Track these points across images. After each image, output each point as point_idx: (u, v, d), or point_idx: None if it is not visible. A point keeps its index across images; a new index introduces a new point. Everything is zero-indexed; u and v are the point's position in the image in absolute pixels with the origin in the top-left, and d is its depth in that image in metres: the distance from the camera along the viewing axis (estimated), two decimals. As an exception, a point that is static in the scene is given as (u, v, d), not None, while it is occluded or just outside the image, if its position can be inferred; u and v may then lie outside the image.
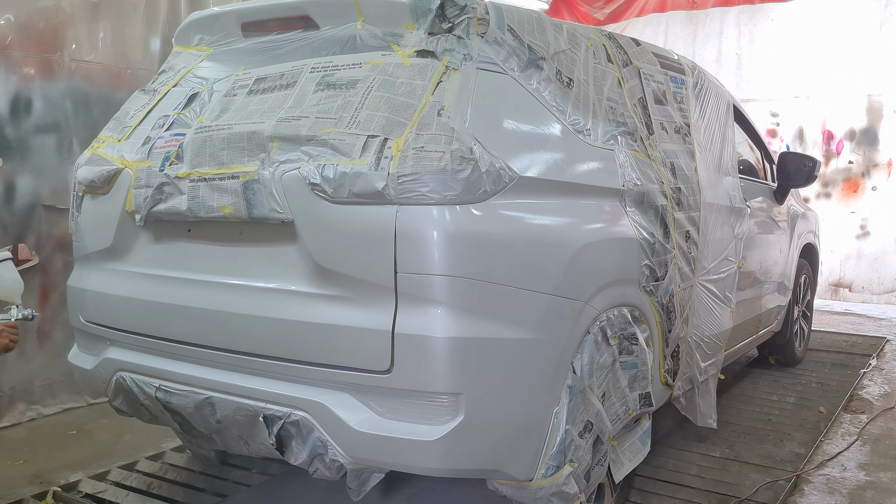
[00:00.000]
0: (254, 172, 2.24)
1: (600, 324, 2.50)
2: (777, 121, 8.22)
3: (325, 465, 2.23)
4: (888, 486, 3.29)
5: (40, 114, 4.21)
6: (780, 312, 4.74)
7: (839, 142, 7.95)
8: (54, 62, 4.24)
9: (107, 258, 2.72)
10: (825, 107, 7.96)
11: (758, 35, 8.28)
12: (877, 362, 5.37)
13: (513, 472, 2.25)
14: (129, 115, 2.84)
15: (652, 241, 2.78)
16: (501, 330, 2.14)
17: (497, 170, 2.13)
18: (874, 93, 7.71)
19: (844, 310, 7.46)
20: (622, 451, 2.72)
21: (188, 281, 2.50)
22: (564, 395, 2.35)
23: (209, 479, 3.30)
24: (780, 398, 4.54)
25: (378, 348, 2.08)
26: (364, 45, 2.42)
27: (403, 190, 2.03)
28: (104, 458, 3.55)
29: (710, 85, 3.64)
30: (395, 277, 2.05)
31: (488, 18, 2.34)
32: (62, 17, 4.26)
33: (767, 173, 4.61)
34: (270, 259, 2.33)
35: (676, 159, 3.07)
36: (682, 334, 3.10)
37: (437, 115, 2.11)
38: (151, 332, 2.59)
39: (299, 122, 2.24)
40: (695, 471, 3.39)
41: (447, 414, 2.07)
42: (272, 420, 2.27)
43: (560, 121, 2.49)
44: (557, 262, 2.32)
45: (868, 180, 7.86)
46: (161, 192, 2.47)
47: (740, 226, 3.66)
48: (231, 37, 2.79)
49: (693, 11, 8.65)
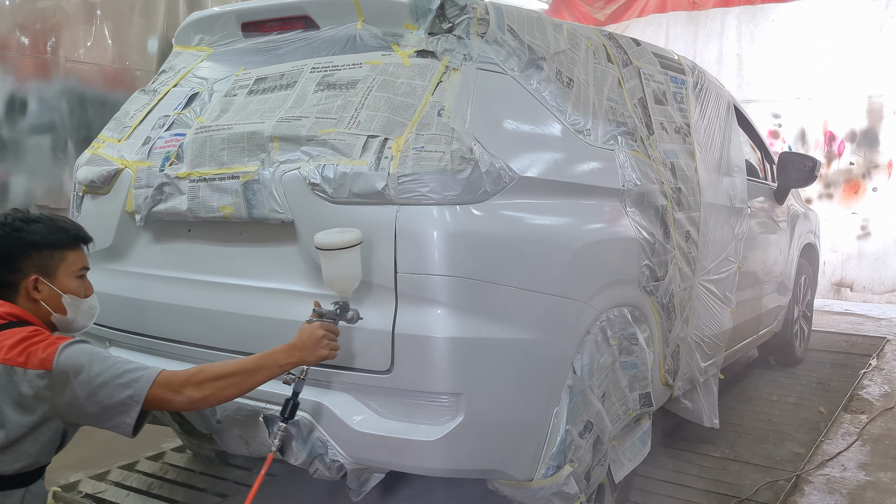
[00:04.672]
0: (254, 172, 2.24)
1: (600, 324, 2.50)
2: (779, 122, 8.21)
3: (325, 465, 2.23)
4: (888, 486, 3.29)
5: (35, 114, 4.21)
6: (781, 312, 4.74)
7: (840, 143, 7.95)
8: (50, 62, 4.24)
9: (107, 258, 2.72)
10: (826, 108, 7.96)
11: (759, 36, 8.28)
12: (877, 362, 5.37)
13: (513, 472, 2.25)
14: (129, 116, 2.84)
15: (652, 241, 2.77)
16: (501, 330, 2.13)
17: (497, 170, 2.13)
18: (874, 94, 7.71)
19: (844, 310, 7.46)
20: (622, 451, 2.72)
21: (188, 281, 2.50)
22: (565, 396, 2.35)
23: (209, 479, 3.29)
24: (780, 398, 4.53)
25: (378, 348, 2.08)
26: (364, 45, 2.42)
27: (403, 190, 2.03)
28: (104, 458, 3.54)
29: (711, 85, 3.64)
30: (395, 277, 2.05)
31: (488, 18, 2.34)
32: (59, 17, 4.25)
33: (768, 173, 4.61)
34: (270, 259, 2.33)
35: (676, 159, 3.07)
36: (682, 334, 3.10)
37: (437, 116, 2.11)
38: (152, 332, 2.59)
39: (299, 123, 2.24)
40: (695, 471, 3.38)
41: (447, 414, 2.07)
42: (272, 420, 2.27)
43: (560, 121, 2.49)
44: (558, 263, 2.31)
45: (869, 181, 7.86)
46: (161, 193, 2.47)
47: (740, 226, 3.66)
48: (231, 37, 2.79)
49: (694, 12, 8.65)
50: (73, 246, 2.10)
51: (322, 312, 2.04)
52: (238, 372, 1.97)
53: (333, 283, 2.04)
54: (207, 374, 1.96)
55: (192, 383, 1.93)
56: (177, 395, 1.92)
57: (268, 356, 1.99)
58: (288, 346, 1.99)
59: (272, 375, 1.99)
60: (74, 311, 2.10)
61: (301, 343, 1.99)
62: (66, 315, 2.08)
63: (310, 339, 1.98)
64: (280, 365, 1.99)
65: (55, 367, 1.85)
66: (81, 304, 2.11)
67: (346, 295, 2.05)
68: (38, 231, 2.04)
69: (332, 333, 2.01)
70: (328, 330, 2.00)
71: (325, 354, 2.00)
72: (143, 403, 1.90)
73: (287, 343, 2.00)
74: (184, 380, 1.93)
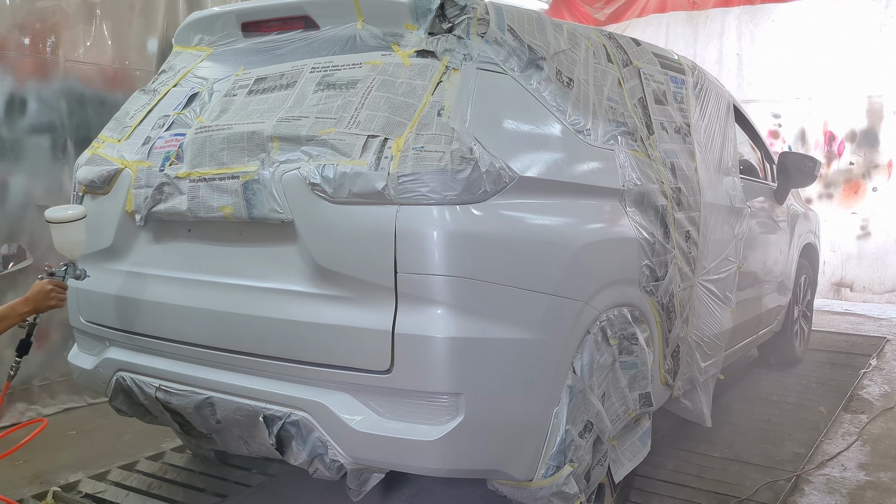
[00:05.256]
0: (254, 172, 2.24)
1: (600, 324, 2.50)
2: (779, 122, 8.21)
3: (325, 465, 2.23)
4: (888, 486, 3.29)
5: (34, 114, 4.20)
6: (780, 312, 4.74)
7: (840, 143, 7.95)
8: (49, 62, 4.24)
9: (107, 258, 2.72)
10: (826, 108, 7.96)
11: (759, 36, 8.27)
12: (877, 362, 5.37)
13: (513, 472, 2.25)
14: (129, 116, 2.85)
15: (652, 241, 2.77)
16: (501, 330, 2.14)
17: (497, 170, 2.13)
18: (874, 94, 7.71)
19: (844, 310, 7.46)
20: (622, 451, 2.72)
21: (188, 281, 2.50)
22: (564, 395, 2.35)
23: (209, 479, 3.29)
24: (780, 398, 4.53)
25: (378, 348, 2.08)
26: (364, 45, 2.42)
27: (403, 190, 2.03)
28: (104, 458, 3.55)
29: (711, 85, 3.64)
30: (395, 277, 2.05)
31: (488, 18, 2.34)
32: (59, 16, 4.25)
33: (768, 173, 4.61)
34: (270, 259, 2.33)
35: (676, 159, 3.07)
36: (682, 334, 3.10)
37: (437, 115, 2.11)
38: (151, 332, 2.59)
39: (299, 122, 2.24)
40: (695, 471, 3.38)
41: (447, 414, 2.07)
42: (272, 420, 2.27)
43: (560, 121, 2.49)
44: (557, 262, 2.31)
45: (869, 181, 7.86)
46: (161, 192, 2.47)
47: (740, 226, 3.66)
48: (231, 37, 2.79)
49: (694, 12, 8.64)
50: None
51: (52, 272, 2.51)
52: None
53: (63, 249, 2.51)
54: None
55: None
56: None
57: (9, 307, 2.44)
58: (24, 299, 2.45)
59: (12, 324, 2.44)
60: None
61: (34, 295, 2.45)
62: None
63: (40, 293, 2.44)
64: (19, 314, 2.44)
65: None
66: None
67: (74, 257, 2.53)
68: None
69: (59, 288, 2.47)
70: (55, 285, 2.46)
71: (54, 304, 2.47)
72: None
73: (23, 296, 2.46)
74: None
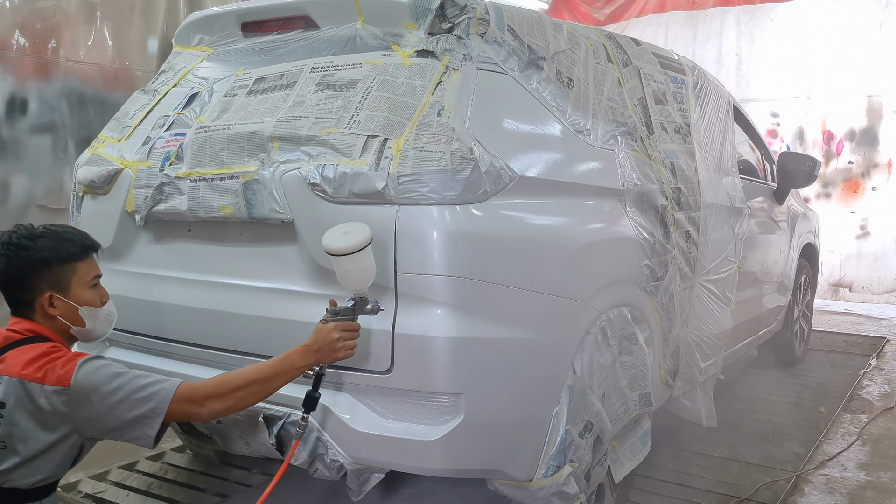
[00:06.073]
0: (254, 172, 2.24)
1: (600, 324, 2.50)
2: (777, 121, 8.21)
3: (325, 465, 2.23)
4: (888, 486, 3.29)
5: (35, 114, 4.20)
6: (780, 312, 4.74)
7: (839, 142, 7.95)
8: (50, 62, 4.24)
9: (107, 258, 2.71)
10: (825, 107, 7.95)
11: (758, 35, 8.27)
12: (877, 362, 5.37)
13: (513, 472, 2.25)
14: (129, 116, 2.84)
15: (652, 241, 2.77)
16: (501, 330, 2.13)
17: (497, 170, 2.13)
18: (874, 93, 7.71)
19: (844, 310, 7.46)
20: (622, 451, 2.72)
21: (188, 281, 2.50)
22: (564, 395, 2.35)
23: (209, 479, 3.29)
24: (780, 398, 4.53)
25: (378, 348, 2.08)
26: (364, 45, 2.42)
27: (403, 190, 2.03)
28: (104, 458, 3.54)
29: (710, 85, 3.64)
30: (395, 277, 2.05)
31: (488, 18, 2.34)
32: (59, 17, 4.25)
33: (768, 173, 4.61)
34: (270, 259, 2.33)
35: (676, 159, 3.07)
36: (682, 334, 3.10)
37: (437, 116, 2.11)
38: (151, 332, 2.59)
39: (299, 122, 2.24)
40: (695, 471, 3.38)
41: (447, 414, 2.07)
42: (272, 420, 2.27)
43: (560, 121, 2.49)
44: (557, 263, 2.31)
45: (868, 181, 7.86)
46: (161, 193, 2.47)
47: (740, 226, 3.66)
48: (231, 37, 2.79)
49: (693, 12, 8.64)
50: (82, 257, 2.06)
51: (337, 311, 1.99)
52: (258, 380, 1.96)
53: (349, 284, 1.97)
54: (229, 385, 1.95)
55: (214, 396, 1.94)
56: (201, 407, 1.94)
57: (285, 360, 1.97)
58: (304, 349, 1.97)
59: (290, 379, 1.99)
60: (93, 321, 2.08)
61: (316, 345, 1.96)
62: (84, 326, 2.07)
63: (325, 342, 1.95)
64: (297, 368, 1.98)
65: (73, 384, 1.86)
66: (99, 312, 2.10)
67: (363, 292, 2.00)
68: (46, 247, 2.00)
69: (350, 332, 1.98)
70: (344, 329, 1.97)
71: (342, 356, 1.98)
72: (165, 416, 1.92)
73: (302, 344, 1.98)
74: (206, 394, 1.94)
